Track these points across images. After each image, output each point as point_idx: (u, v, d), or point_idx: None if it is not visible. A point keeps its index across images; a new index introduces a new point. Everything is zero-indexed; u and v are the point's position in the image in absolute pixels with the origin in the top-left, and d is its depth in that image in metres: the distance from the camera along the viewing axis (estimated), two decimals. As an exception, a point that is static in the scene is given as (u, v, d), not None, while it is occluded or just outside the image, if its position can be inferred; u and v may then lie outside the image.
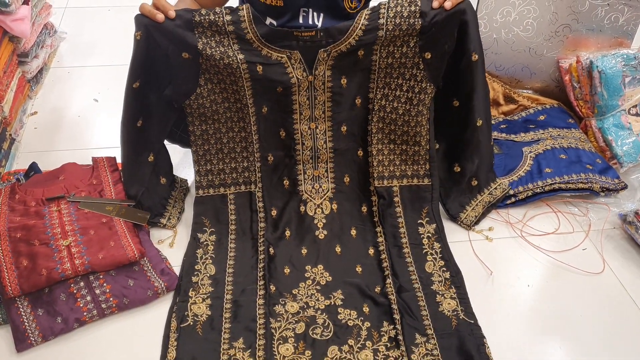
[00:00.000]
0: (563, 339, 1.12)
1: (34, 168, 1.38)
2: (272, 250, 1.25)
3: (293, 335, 1.10)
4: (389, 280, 1.19)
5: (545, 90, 1.67)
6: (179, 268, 1.22)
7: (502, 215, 1.38)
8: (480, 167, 1.35)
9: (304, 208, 1.33)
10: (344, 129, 1.32)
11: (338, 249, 1.28)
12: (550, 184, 1.38)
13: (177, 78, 1.22)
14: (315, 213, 1.33)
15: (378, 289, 1.19)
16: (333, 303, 1.16)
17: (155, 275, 1.17)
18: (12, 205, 1.22)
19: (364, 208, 1.34)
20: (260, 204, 1.31)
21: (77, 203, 1.23)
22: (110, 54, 1.98)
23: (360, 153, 1.34)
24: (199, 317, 1.12)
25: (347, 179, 1.36)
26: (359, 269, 1.24)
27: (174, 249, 1.28)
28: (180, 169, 1.48)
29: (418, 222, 1.32)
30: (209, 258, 1.24)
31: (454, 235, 1.33)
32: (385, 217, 1.31)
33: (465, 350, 1.07)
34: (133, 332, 1.11)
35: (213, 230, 1.30)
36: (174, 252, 1.27)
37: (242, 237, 1.29)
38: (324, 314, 1.14)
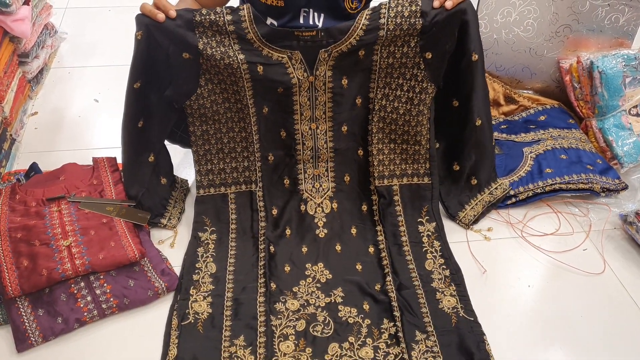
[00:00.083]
0: (564, 340, 1.12)
1: (35, 168, 1.38)
2: (272, 249, 1.25)
3: (294, 333, 1.10)
4: (389, 278, 1.19)
5: (546, 91, 1.67)
6: (180, 268, 1.22)
7: (502, 216, 1.38)
8: (480, 166, 1.35)
9: (305, 207, 1.33)
10: (345, 129, 1.32)
11: (338, 248, 1.28)
12: (551, 185, 1.38)
13: (177, 78, 1.22)
14: (316, 212, 1.33)
15: (378, 287, 1.19)
16: (333, 301, 1.17)
17: (156, 276, 1.17)
18: (12, 206, 1.22)
19: (364, 207, 1.34)
20: (261, 204, 1.31)
21: (77, 203, 1.23)
22: (111, 55, 1.98)
23: (361, 152, 1.34)
24: (200, 315, 1.13)
25: (347, 178, 1.36)
26: (359, 267, 1.24)
27: (175, 249, 1.28)
28: (181, 170, 1.48)
29: (418, 220, 1.32)
30: (210, 256, 1.24)
31: (454, 235, 1.33)
32: (386, 215, 1.31)
33: (465, 347, 1.07)
34: (133, 332, 1.11)
35: (214, 229, 1.30)
36: (175, 252, 1.27)
37: (242, 235, 1.29)
38: (325, 312, 1.14)
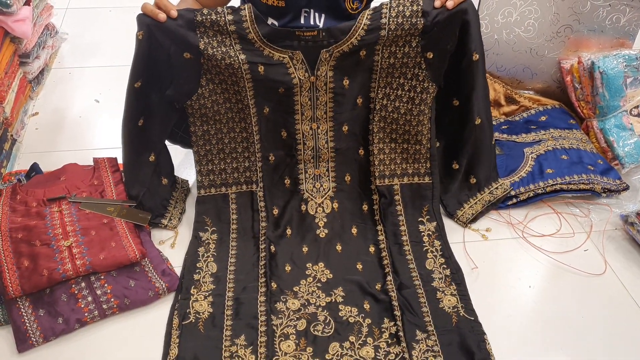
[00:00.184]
0: (564, 340, 1.12)
1: (35, 169, 1.38)
2: (273, 248, 1.25)
3: (294, 332, 1.10)
4: (390, 278, 1.19)
5: (547, 91, 1.67)
6: (180, 269, 1.22)
7: (503, 216, 1.38)
8: (480, 165, 1.35)
9: (305, 207, 1.33)
10: (346, 129, 1.31)
11: (339, 247, 1.28)
12: (552, 185, 1.38)
13: (178, 78, 1.22)
14: (316, 212, 1.33)
15: (379, 286, 1.19)
16: (334, 300, 1.17)
17: (157, 276, 1.17)
18: (13, 206, 1.22)
19: (365, 207, 1.34)
20: (262, 203, 1.31)
21: (78, 204, 1.23)
22: (112, 55, 1.98)
23: (362, 152, 1.34)
24: (201, 314, 1.12)
25: (348, 178, 1.36)
26: (360, 267, 1.24)
27: (175, 250, 1.28)
28: (182, 170, 1.48)
29: (419, 220, 1.32)
30: (211, 256, 1.24)
31: (455, 235, 1.32)
32: (386, 215, 1.31)
33: (466, 347, 1.07)
34: (134, 332, 1.11)
35: (215, 229, 1.30)
36: (175, 252, 1.27)
37: (243, 235, 1.29)
38: (325, 311, 1.14)
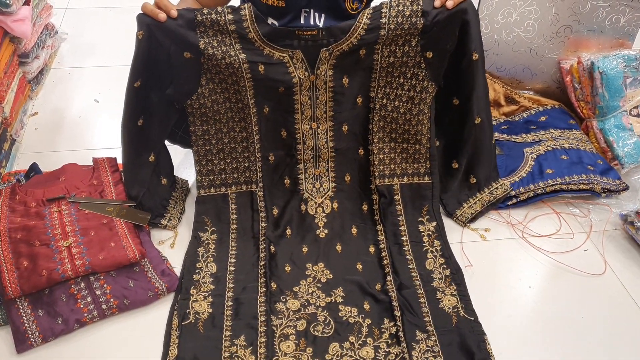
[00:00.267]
0: (564, 340, 1.12)
1: (35, 169, 1.38)
2: (273, 248, 1.25)
3: (294, 333, 1.10)
4: (390, 278, 1.19)
5: (546, 91, 1.67)
6: (180, 269, 1.22)
7: (503, 216, 1.38)
8: (479, 164, 1.36)
9: (305, 207, 1.33)
10: (345, 128, 1.31)
11: (339, 247, 1.28)
12: (552, 185, 1.38)
13: (178, 78, 1.22)
14: (316, 212, 1.33)
15: (378, 287, 1.19)
16: (334, 300, 1.16)
17: (156, 276, 1.16)
18: (12, 206, 1.21)
19: (365, 206, 1.34)
20: (262, 204, 1.31)
21: (77, 204, 1.23)
22: (111, 55, 1.98)
23: (361, 152, 1.34)
24: (201, 314, 1.12)
25: (347, 178, 1.35)
26: (360, 267, 1.24)
27: (175, 250, 1.28)
28: (181, 170, 1.48)
29: (418, 220, 1.32)
30: (210, 256, 1.24)
31: (455, 235, 1.33)
32: (386, 215, 1.31)
33: (466, 347, 1.07)
34: (133, 332, 1.11)
35: (214, 229, 1.30)
36: (175, 253, 1.27)
37: (243, 236, 1.29)
38: (325, 311, 1.14)
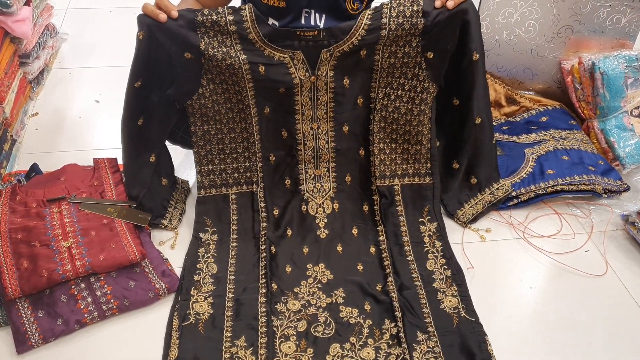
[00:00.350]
0: (565, 341, 1.12)
1: (35, 169, 1.38)
2: (273, 249, 1.25)
3: (295, 333, 1.10)
4: (390, 278, 1.19)
5: (547, 92, 1.67)
6: (180, 269, 1.22)
7: (504, 217, 1.38)
8: (480, 164, 1.35)
9: (306, 207, 1.33)
10: (346, 129, 1.31)
11: (339, 248, 1.27)
12: (553, 186, 1.37)
13: (179, 78, 1.22)
14: (317, 212, 1.32)
15: (379, 287, 1.18)
16: (334, 301, 1.16)
17: (157, 277, 1.16)
18: (12, 207, 1.21)
19: (366, 207, 1.34)
20: (262, 204, 1.31)
21: (78, 204, 1.23)
22: (112, 55, 1.98)
23: (362, 152, 1.34)
24: (201, 315, 1.12)
25: (348, 178, 1.35)
26: (360, 267, 1.23)
27: (175, 251, 1.28)
28: (182, 170, 1.48)
29: (419, 220, 1.32)
30: (211, 257, 1.24)
31: (456, 235, 1.32)
32: (387, 216, 1.31)
33: (467, 348, 1.07)
34: (134, 333, 1.11)
35: (215, 230, 1.30)
36: (175, 253, 1.26)
37: (243, 236, 1.28)
38: (326, 312, 1.14)
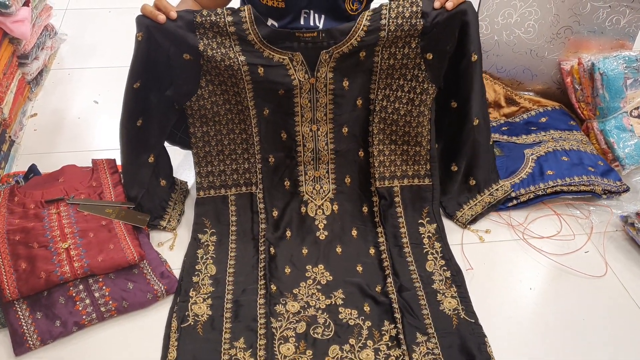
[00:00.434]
0: (565, 342, 1.12)
1: (34, 170, 1.38)
2: (272, 250, 1.24)
3: (294, 335, 1.10)
4: (390, 280, 1.18)
5: (547, 92, 1.67)
6: (179, 271, 1.22)
7: (503, 218, 1.37)
8: (478, 166, 1.35)
9: (305, 209, 1.33)
10: (345, 130, 1.31)
11: (339, 249, 1.27)
12: (552, 187, 1.37)
13: (178, 79, 1.22)
14: (316, 214, 1.32)
15: (379, 288, 1.18)
16: (334, 302, 1.16)
17: (155, 279, 1.16)
18: (11, 208, 1.21)
19: (365, 208, 1.34)
20: (261, 205, 1.31)
21: (76, 205, 1.23)
22: (111, 56, 1.98)
23: (361, 154, 1.34)
24: (200, 317, 1.12)
25: (348, 180, 1.35)
26: (360, 269, 1.23)
27: (174, 252, 1.27)
28: (181, 171, 1.48)
29: (419, 222, 1.32)
30: (210, 258, 1.24)
31: (455, 236, 1.32)
32: (386, 217, 1.31)
33: (467, 349, 1.07)
34: (132, 335, 1.11)
35: (214, 231, 1.29)
36: (174, 254, 1.26)
37: (242, 237, 1.28)
38: (325, 314, 1.14)
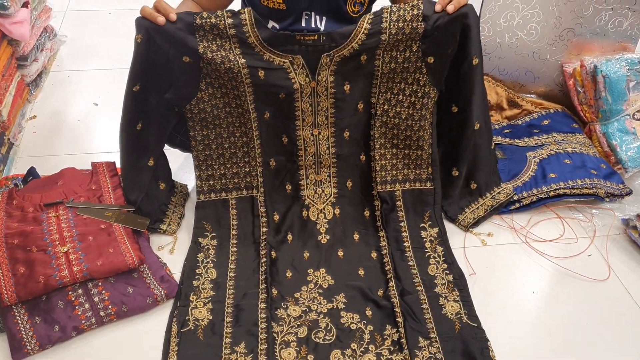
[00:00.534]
0: (568, 346, 1.11)
1: (33, 173, 1.37)
2: (274, 254, 1.24)
3: (295, 340, 1.09)
4: (392, 284, 1.18)
5: (549, 95, 1.66)
6: (179, 275, 1.21)
7: (506, 221, 1.37)
8: (479, 170, 1.35)
9: (307, 213, 1.32)
10: (347, 135, 1.30)
11: (340, 253, 1.27)
12: (555, 190, 1.37)
13: (178, 81, 1.21)
14: (318, 218, 1.32)
15: (381, 292, 1.18)
16: (335, 306, 1.15)
17: (155, 283, 1.15)
18: (9, 211, 1.20)
19: (367, 212, 1.33)
20: (262, 209, 1.30)
21: (75, 209, 1.22)
22: (111, 58, 1.97)
23: (363, 158, 1.33)
24: (200, 321, 1.11)
25: (349, 184, 1.34)
26: (362, 272, 1.23)
27: (174, 256, 1.27)
28: (181, 174, 1.47)
29: (420, 225, 1.31)
30: (210, 262, 1.23)
31: (457, 240, 1.32)
32: (388, 221, 1.30)
33: (469, 353, 1.06)
34: (132, 340, 1.10)
35: (214, 235, 1.29)
36: (174, 258, 1.26)
37: (243, 241, 1.28)
38: (327, 318, 1.13)
